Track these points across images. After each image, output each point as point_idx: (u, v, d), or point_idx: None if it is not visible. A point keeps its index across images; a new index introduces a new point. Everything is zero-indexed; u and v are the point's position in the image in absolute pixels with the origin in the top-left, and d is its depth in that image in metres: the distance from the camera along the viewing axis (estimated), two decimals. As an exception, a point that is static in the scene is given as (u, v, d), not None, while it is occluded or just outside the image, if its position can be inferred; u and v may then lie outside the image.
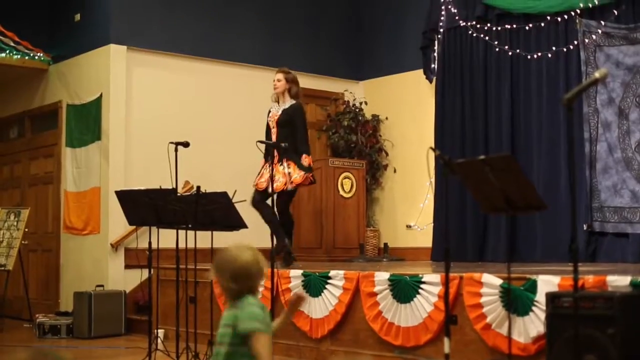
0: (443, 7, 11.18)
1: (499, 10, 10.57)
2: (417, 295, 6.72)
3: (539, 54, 10.14)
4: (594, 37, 9.64)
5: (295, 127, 8.94)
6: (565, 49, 9.90)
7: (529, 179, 4.71)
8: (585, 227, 9.41)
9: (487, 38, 10.70)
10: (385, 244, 11.73)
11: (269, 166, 8.53)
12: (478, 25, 10.80)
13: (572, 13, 9.86)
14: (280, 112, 9.07)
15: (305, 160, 8.82)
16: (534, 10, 10.22)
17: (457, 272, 6.60)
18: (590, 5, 9.70)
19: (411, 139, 11.79)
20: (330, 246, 11.18)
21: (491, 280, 6.20)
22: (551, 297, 5.39)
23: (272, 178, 7.72)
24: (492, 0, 10.62)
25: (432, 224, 10.94)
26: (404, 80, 12.19)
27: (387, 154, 12.24)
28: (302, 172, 8.72)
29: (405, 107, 12.11)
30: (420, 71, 11.66)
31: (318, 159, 11.53)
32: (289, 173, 8.71)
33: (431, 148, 5.15)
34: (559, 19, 10.01)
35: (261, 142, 7.15)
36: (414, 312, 6.77)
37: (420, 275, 6.74)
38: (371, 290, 7.10)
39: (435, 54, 11.36)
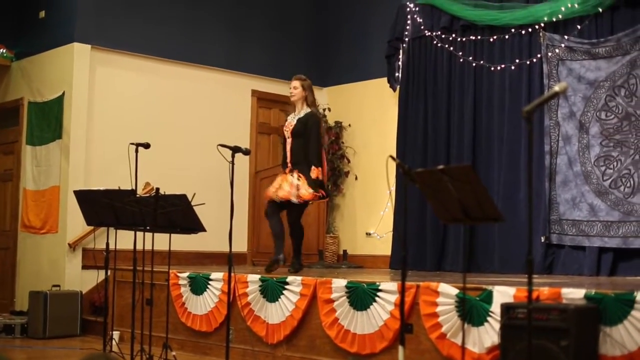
0: (409, 17, 11.22)
1: (464, 21, 10.62)
2: (374, 303, 6.72)
3: (503, 65, 10.20)
4: (557, 50, 9.71)
5: (309, 137, 8.69)
6: (528, 62, 9.97)
7: (487, 190, 4.72)
8: (543, 239, 9.49)
9: (451, 48, 10.76)
10: (345, 251, 11.76)
11: (281, 175, 8.74)
12: (443, 36, 10.86)
13: (537, 26, 9.94)
14: (295, 121, 8.83)
15: (314, 172, 8.56)
16: (499, 23, 10.28)
17: (415, 281, 6.62)
18: (555, 19, 9.78)
19: (373, 146, 11.83)
20: (289, 252, 11.13)
21: (447, 290, 6.22)
22: (506, 308, 5.42)
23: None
24: (458, 11, 10.68)
25: (392, 232, 10.97)
26: (367, 87, 12.23)
27: (349, 161, 12.26)
28: (311, 190, 8.53)
29: (369, 114, 12.15)
30: (384, 79, 11.70)
31: (279, 164, 11.53)
32: (297, 185, 8.53)
33: (391, 157, 5.16)
34: (523, 31, 10.08)
35: (223, 145, 6.99)
36: (370, 320, 6.77)
37: (378, 283, 6.74)
38: (328, 297, 7.10)
39: (400, 63, 11.39)
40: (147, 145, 7.61)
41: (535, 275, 8.49)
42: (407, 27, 11.25)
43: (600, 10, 9.49)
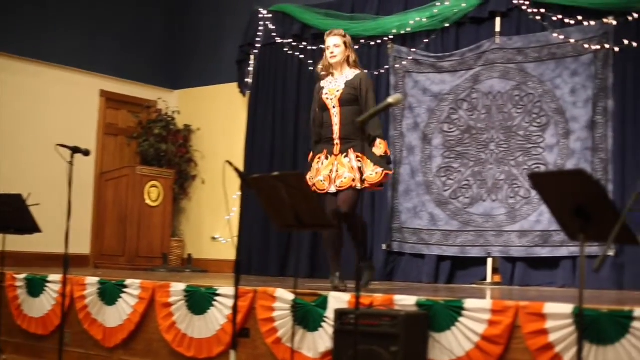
0: (261, 23, 11.26)
1: (315, 30, 10.72)
2: (212, 307, 6.69)
3: (351, 75, 10.32)
4: (404, 63, 9.92)
5: (365, 104, 6.99)
6: (376, 73, 10.12)
7: (318, 198, 4.78)
8: (384, 247, 9.66)
9: (302, 56, 10.85)
10: (190, 255, 11.68)
11: (325, 158, 7.04)
12: (294, 43, 10.94)
13: (385, 38, 10.12)
14: (343, 85, 7.08)
15: (380, 147, 6.91)
16: (349, 33, 10.31)
17: (254, 285, 6.63)
18: (403, 32, 9.98)
19: (221, 151, 11.79)
20: (134, 255, 11.03)
21: (284, 295, 6.24)
22: (339, 314, 5.47)
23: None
24: (309, 20, 10.77)
25: (237, 237, 10.95)
26: (218, 92, 12.21)
27: (196, 165, 12.20)
28: (380, 169, 6.86)
29: (218, 119, 12.12)
30: (235, 84, 11.69)
31: (126, 166, 11.40)
32: (359, 168, 6.87)
33: (228, 162, 5.15)
34: (373, 43, 10.25)
35: (62, 145, 6.75)
36: (207, 324, 6.73)
37: (216, 288, 6.72)
38: (166, 300, 7.03)
39: (251, 69, 11.41)
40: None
41: (375, 282, 8.65)
42: (259, 34, 11.29)
43: (447, 25, 9.74)
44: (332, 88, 7.12)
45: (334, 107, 7.05)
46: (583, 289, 3.67)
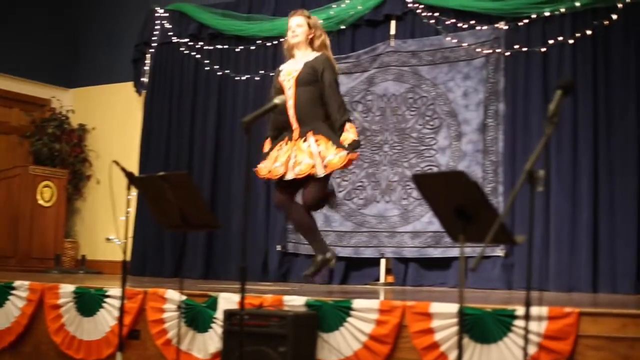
0: (157, 22, 11.17)
1: (212, 30, 10.69)
2: (101, 309, 6.61)
3: (247, 76, 10.34)
4: (299, 64, 9.94)
5: (326, 85, 6.66)
6: (272, 74, 10.11)
7: (203, 198, 4.78)
8: (279, 247, 9.68)
9: (198, 56, 10.80)
10: (84, 256, 11.51)
11: (285, 144, 6.76)
12: (190, 43, 10.88)
13: (282, 39, 10.11)
14: (301, 65, 6.76)
15: (352, 130, 6.60)
16: (245, 33, 10.43)
17: (147, 287, 6.58)
18: (299, 33, 10.00)
19: (117, 151, 11.61)
20: (25, 256, 10.81)
21: (175, 297, 6.20)
22: (228, 315, 5.47)
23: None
24: (206, 19, 10.72)
25: (132, 238, 10.84)
26: (114, 91, 12.06)
27: (91, 165, 12.04)
28: (343, 152, 6.49)
29: (114, 118, 11.97)
30: (131, 83, 11.56)
31: (18, 166, 11.18)
32: (320, 153, 6.52)
33: (114, 162, 5.11)
34: (269, 43, 10.26)
35: None
36: (97, 326, 6.64)
37: (105, 289, 6.64)
38: (55, 302, 6.90)
39: (147, 68, 11.31)
40: None
41: (269, 283, 8.68)
42: (156, 32, 11.19)
43: (343, 27, 9.81)
44: (290, 69, 6.83)
45: (289, 89, 6.74)
46: (463, 289, 3.74)
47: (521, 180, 3.36)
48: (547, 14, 8.63)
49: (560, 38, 8.55)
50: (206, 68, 10.66)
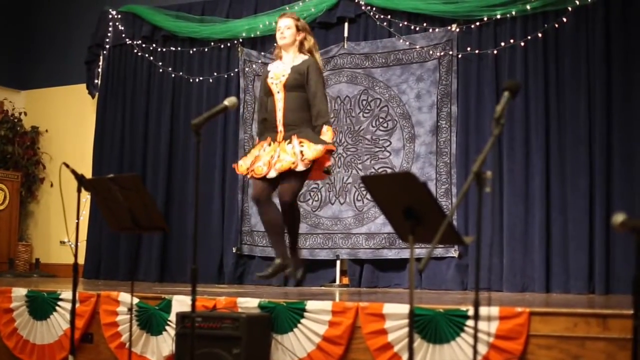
0: (111, 23, 11.10)
1: (166, 32, 10.65)
2: (54, 313, 6.59)
3: (201, 78, 10.32)
4: (254, 66, 9.96)
5: (311, 89, 6.89)
6: (226, 76, 10.15)
7: (154, 200, 4.78)
8: (234, 249, 9.68)
9: (151, 58, 10.75)
10: (37, 260, 11.42)
11: (268, 145, 6.92)
12: (144, 45, 10.83)
13: (235, 41, 10.14)
14: (289, 70, 6.98)
15: (327, 133, 6.82)
16: (199, 35, 10.40)
17: (99, 289, 6.56)
18: (253, 35, 10.01)
19: (71, 153, 11.51)
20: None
21: (128, 299, 6.19)
22: (181, 317, 5.47)
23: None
24: (159, 21, 10.69)
25: (86, 241, 10.77)
26: (67, 93, 11.95)
27: (44, 167, 11.94)
28: (320, 146, 6.68)
29: (67, 120, 11.88)
30: (84, 85, 11.47)
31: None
32: (301, 152, 6.68)
33: (64, 164, 5.09)
34: (223, 45, 10.25)
35: None
36: (50, 330, 6.61)
37: (58, 292, 6.61)
38: (8, 306, 6.87)
39: (100, 70, 11.24)
40: None
41: (224, 285, 8.69)
42: (109, 34, 11.12)
43: (296, 29, 9.82)
44: (278, 72, 7.02)
45: (278, 92, 6.95)
46: (413, 289, 3.79)
47: (468, 181, 3.40)
48: (498, 16, 8.71)
49: (512, 40, 8.63)
50: (160, 70, 10.62)
